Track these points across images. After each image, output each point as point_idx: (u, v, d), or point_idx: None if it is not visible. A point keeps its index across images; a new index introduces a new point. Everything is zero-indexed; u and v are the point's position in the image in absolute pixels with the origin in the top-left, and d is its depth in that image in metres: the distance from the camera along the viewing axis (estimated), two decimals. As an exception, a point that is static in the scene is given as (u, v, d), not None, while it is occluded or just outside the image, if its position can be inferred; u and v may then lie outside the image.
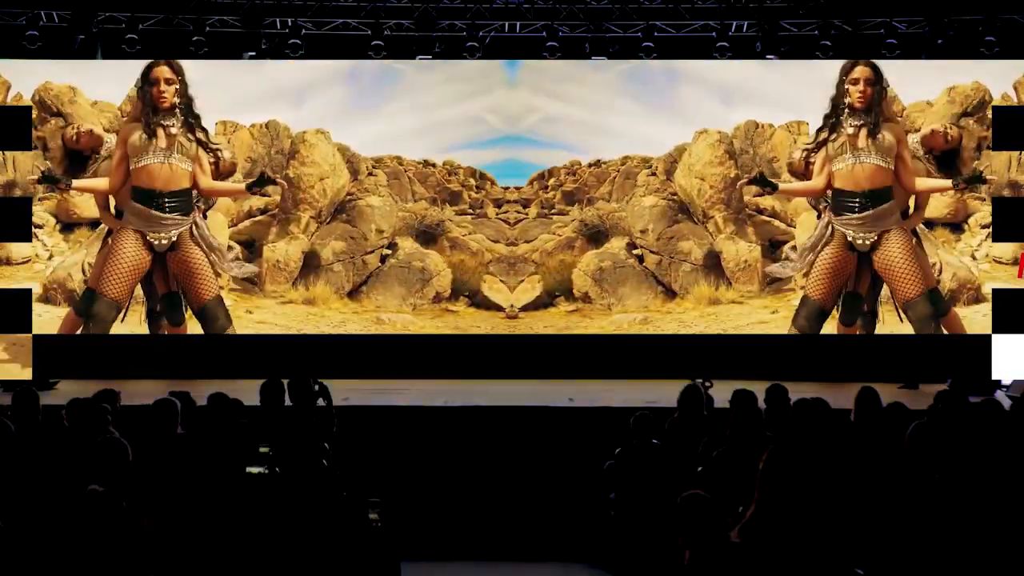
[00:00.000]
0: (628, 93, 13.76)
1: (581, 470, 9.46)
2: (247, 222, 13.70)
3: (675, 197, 13.79)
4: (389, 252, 13.84)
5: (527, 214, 13.80)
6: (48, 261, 13.41)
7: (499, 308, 13.68)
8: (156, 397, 7.41)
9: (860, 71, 13.22)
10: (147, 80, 13.22)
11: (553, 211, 13.83)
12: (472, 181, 13.92)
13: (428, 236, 13.86)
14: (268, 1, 13.25)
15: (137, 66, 13.24)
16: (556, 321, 13.67)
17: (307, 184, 13.75)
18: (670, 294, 13.74)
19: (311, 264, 13.76)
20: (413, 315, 13.73)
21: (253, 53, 13.37)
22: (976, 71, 13.30)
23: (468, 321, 13.67)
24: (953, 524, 5.38)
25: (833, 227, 13.35)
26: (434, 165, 13.89)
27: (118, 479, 5.58)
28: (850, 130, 13.23)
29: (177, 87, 13.21)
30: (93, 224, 13.45)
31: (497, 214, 13.80)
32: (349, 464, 7.98)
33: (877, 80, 13.22)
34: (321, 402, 8.63)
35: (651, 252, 13.79)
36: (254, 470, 6.75)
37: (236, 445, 7.02)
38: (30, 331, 13.14)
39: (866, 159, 13.23)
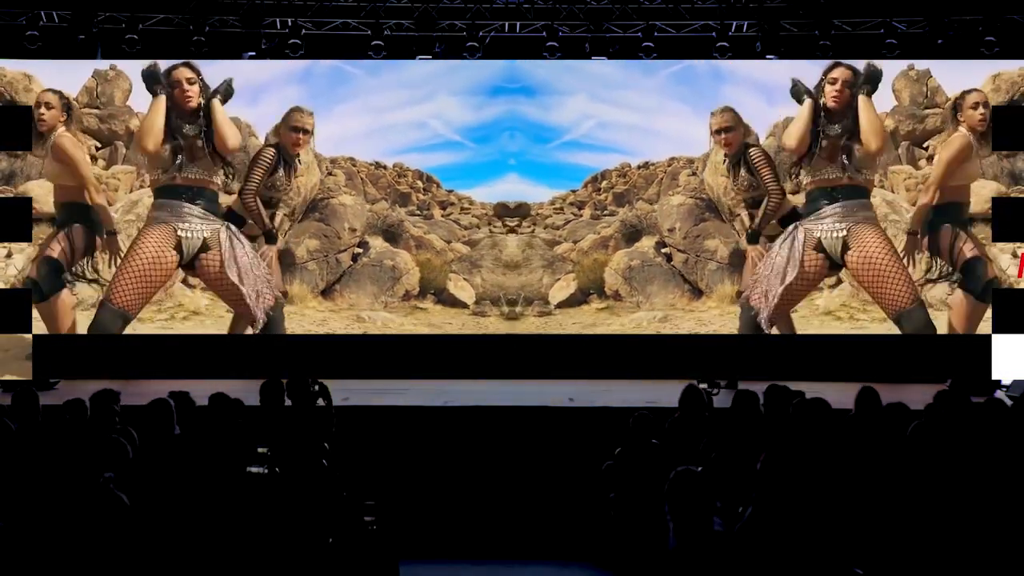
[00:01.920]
0: (677, 95, 13.92)
1: (581, 470, 9.46)
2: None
3: (704, 195, 13.87)
4: (361, 251, 13.92)
5: (581, 216, 14.00)
6: (7, 259, 13.32)
7: (464, 305, 13.84)
8: (157, 397, 7.41)
9: (839, 71, 13.25)
10: (168, 82, 13.25)
11: (605, 212, 13.98)
12: (419, 183, 14.04)
13: (391, 235, 13.97)
14: (268, 1, 13.24)
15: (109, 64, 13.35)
16: (586, 318, 13.85)
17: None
18: (696, 293, 13.83)
19: (285, 262, 13.73)
20: (388, 312, 13.81)
21: (253, 53, 13.37)
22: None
23: (438, 318, 13.82)
24: (953, 524, 5.37)
25: (800, 237, 13.28)
26: (385, 167, 13.99)
27: (117, 478, 5.58)
28: (824, 142, 13.22)
29: (199, 86, 13.24)
30: (51, 220, 13.37)
31: (443, 215, 13.95)
32: (349, 464, 7.98)
33: (855, 84, 13.22)
34: (321, 402, 8.64)
35: (678, 251, 13.88)
36: (253, 470, 6.74)
37: (234, 445, 7.01)
38: (30, 331, 13.15)
39: (838, 173, 13.28)
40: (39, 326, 13.20)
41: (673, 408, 8.11)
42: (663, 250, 13.89)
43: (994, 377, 12.67)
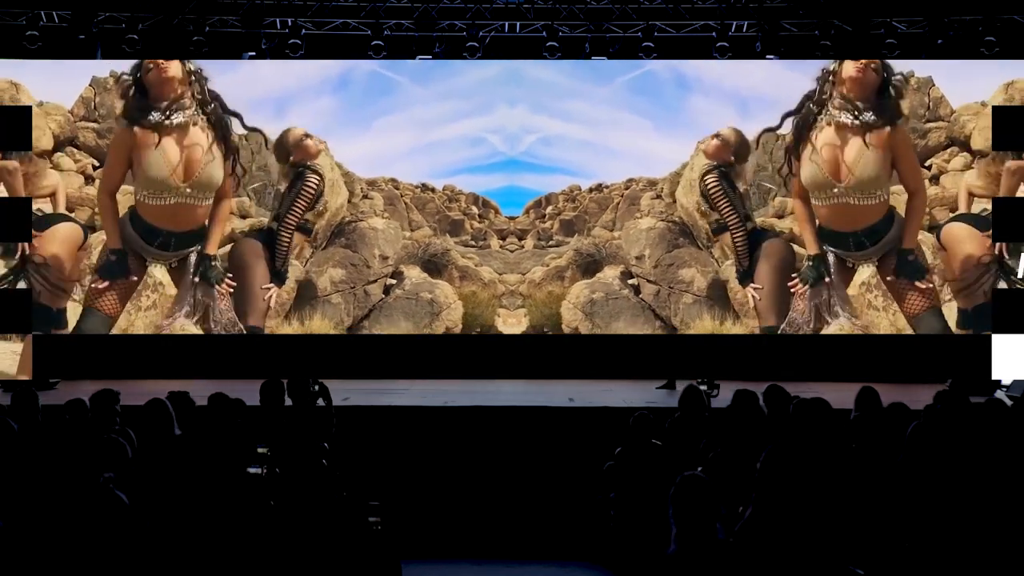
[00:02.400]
0: (634, 106, 12.46)
1: (581, 470, 9.46)
2: (229, 247, 12.92)
3: (676, 219, 12.56)
4: (394, 282, 12.56)
5: (523, 246, 12.52)
6: None
7: None
8: (153, 397, 7.40)
9: (866, 59, 12.99)
10: (140, 72, 13.10)
11: (551, 243, 12.52)
12: (474, 209, 12.63)
13: (432, 266, 12.60)
14: (268, 1, 13.24)
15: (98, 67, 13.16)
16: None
17: (325, 203, 12.66)
18: (670, 329, 12.57)
19: (306, 295, 12.56)
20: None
21: (253, 53, 13.37)
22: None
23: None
24: (953, 524, 5.37)
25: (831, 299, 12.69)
26: (433, 190, 12.58)
27: (117, 478, 5.58)
28: (826, 131, 12.69)
29: (179, 66, 13.11)
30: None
31: (501, 245, 12.58)
32: (349, 464, 7.98)
33: (882, 73, 13.02)
34: (321, 402, 8.63)
35: (648, 281, 12.49)
36: (253, 470, 6.74)
37: (234, 445, 7.01)
38: (30, 331, 13.14)
39: (846, 198, 12.62)
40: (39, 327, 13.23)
41: (673, 408, 8.12)
42: (630, 281, 12.55)
43: (994, 377, 12.67)
